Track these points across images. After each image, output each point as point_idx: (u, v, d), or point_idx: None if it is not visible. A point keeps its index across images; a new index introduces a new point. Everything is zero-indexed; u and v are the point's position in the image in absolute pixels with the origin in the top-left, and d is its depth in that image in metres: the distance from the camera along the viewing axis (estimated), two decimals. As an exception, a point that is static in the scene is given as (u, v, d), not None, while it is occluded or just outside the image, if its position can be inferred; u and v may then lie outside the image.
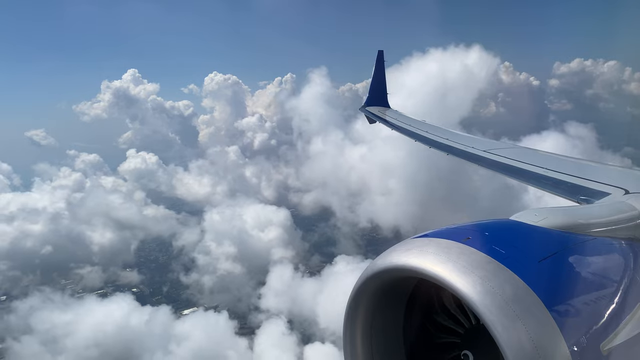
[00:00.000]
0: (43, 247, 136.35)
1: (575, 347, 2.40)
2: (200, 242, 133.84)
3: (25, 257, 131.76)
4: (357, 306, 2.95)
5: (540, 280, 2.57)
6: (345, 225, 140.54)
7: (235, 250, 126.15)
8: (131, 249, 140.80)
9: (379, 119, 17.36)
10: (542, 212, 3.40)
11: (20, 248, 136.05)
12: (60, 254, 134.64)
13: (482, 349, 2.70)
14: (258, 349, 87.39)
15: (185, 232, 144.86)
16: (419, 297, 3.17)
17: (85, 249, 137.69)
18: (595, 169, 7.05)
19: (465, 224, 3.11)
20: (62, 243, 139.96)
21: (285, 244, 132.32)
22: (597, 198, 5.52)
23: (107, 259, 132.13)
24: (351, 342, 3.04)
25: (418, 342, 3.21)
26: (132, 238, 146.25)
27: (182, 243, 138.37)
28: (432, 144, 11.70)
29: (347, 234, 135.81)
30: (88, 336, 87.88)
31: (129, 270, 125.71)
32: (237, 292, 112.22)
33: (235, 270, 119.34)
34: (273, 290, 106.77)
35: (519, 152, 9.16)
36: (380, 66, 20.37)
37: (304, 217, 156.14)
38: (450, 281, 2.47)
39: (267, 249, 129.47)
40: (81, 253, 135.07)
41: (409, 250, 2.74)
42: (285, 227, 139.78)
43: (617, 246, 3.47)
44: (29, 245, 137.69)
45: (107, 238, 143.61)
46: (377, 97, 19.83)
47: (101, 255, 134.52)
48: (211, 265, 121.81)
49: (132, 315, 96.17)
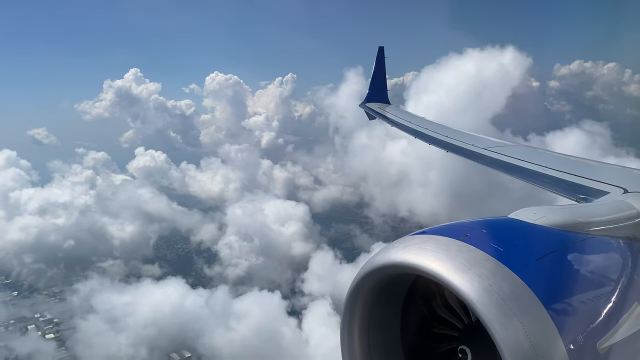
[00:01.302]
0: (65, 241, 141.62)
1: (572, 345, 2.41)
2: (219, 236, 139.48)
3: (49, 251, 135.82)
4: (355, 302, 2.95)
5: (538, 278, 2.58)
6: (377, 217, 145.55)
7: (257, 243, 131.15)
8: (150, 243, 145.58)
9: (378, 115, 17.34)
10: (540, 210, 3.40)
11: (44, 242, 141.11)
12: (82, 248, 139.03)
13: (479, 346, 2.70)
14: (307, 328, 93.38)
15: (202, 228, 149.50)
16: (417, 294, 3.18)
17: (106, 243, 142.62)
18: (594, 168, 7.05)
19: (463, 221, 3.11)
20: (84, 237, 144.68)
21: (306, 237, 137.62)
22: (596, 197, 5.53)
23: (128, 253, 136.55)
24: (349, 337, 3.04)
25: (416, 337, 3.22)
26: (152, 233, 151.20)
27: (199, 238, 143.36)
28: (431, 141, 11.69)
29: (376, 226, 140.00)
30: (147, 316, 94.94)
31: (150, 265, 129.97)
32: (264, 280, 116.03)
33: (258, 262, 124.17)
34: (315, 275, 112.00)
35: (519, 150, 9.16)
36: (381, 62, 20.32)
37: (317, 213, 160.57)
38: (448, 278, 2.47)
39: (288, 242, 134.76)
40: (102, 247, 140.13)
41: (407, 247, 2.74)
42: (304, 222, 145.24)
43: (616, 245, 3.48)
44: (52, 239, 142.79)
45: (127, 232, 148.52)
46: (377, 94, 19.79)
47: (122, 249, 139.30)
48: (234, 258, 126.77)
49: (186, 298, 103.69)
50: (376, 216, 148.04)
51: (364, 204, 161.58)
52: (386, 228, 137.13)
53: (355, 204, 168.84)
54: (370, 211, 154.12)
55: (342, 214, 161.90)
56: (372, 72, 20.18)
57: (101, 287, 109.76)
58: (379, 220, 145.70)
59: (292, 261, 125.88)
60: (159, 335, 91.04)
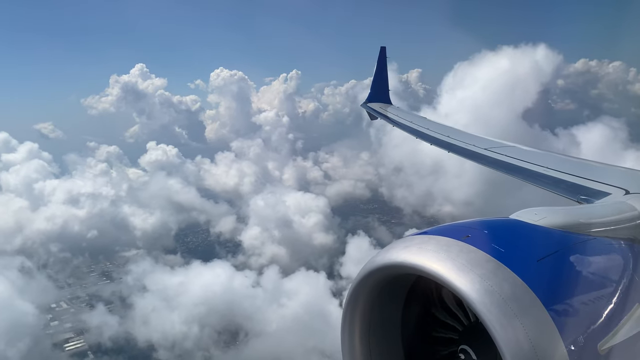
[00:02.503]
0: (89, 231, 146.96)
1: (572, 346, 2.41)
2: (239, 227, 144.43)
3: (74, 240, 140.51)
4: (356, 301, 2.96)
5: (539, 279, 2.58)
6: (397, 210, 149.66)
7: (280, 233, 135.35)
8: (171, 234, 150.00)
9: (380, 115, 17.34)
10: (541, 211, 3.39)
11: (69, 232, 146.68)
12: (105, 238, 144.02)
13: (479, 347, 2.70)
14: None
15: (220, 220, 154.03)
16: (418, 294, 3.18)
17: (129, 234, 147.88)
18: (595, 169, 7.04)
19: (465, 221, 3.11)
20: (106, 227, 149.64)
21: (326, 228, 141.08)
22: (598, 198, 5.52)
23: (150, 243, 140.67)
24: (349, 337, 3.04)
25: (416, 337, 3.22)
26: (172, 224, 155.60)
27: (218, 230, 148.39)
28: (432, 141, 11.70)
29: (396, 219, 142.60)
30: (197, 295, 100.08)
31: (173, 255, 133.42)
32: (289, 268, 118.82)
33: (280, 253, 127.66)
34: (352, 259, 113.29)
35: (519, 150, 9.14)
36: (383, 62, 20.30)
37: (334, 206, 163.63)
38: (448, 279, 2.47)
39: (309, 233, 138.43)
40: (125, 237, 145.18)
41: (408, 247, 2.74)
42: (325, 214, 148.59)
43: (617, 246, 3.47)
44: (76, 229, 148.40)
45: (148, 223, 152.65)
46: (379, 94, 19.78)
47: (144, 240, 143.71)
48: (257, 248, 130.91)
49: (233, 279, 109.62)
50: (396, 210, 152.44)
51: (379, 198, 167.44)
52: (406, 221, 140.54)
53: (367, 199, 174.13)
54: (387, 205, 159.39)
55: (357, 207, 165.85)
56: (374, 72, 20.16)
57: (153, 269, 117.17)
58: (398, 214, 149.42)
59: (315, 250, 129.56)
60: (209, 314, 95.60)
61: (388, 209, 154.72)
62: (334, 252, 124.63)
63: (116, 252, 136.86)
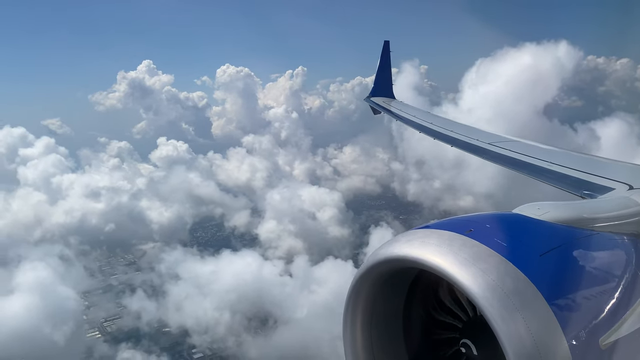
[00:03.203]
0: (107, 224, 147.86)
1: (574, 341, 2.41)
2: (254, 221, 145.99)
3: (92, 234, 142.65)
4: (358, 294, 2.96)
5: (541, 274, 2.57)
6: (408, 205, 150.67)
7: (295, 227, 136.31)
8: (186, 228, 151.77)
9: (383, 110, 17.32)
10: (544, 206, 3.39)
11: (87, 225, 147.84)
12: (122, 231, 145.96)
13: (481, 341, 2.70)
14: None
15: (234, 214, 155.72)
16: (420, 287, 3.19)
17: (145, 227, 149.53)
18: (599, 164, 7.02)
19: (467, 216, 3.11)
20: (123, 221, 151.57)
21: (341, 223, 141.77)
22: (601, 193, 5.51)
23: (167, 237, 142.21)
24: (351, 329, 3.05)
25: (418, 331, 3.23)
26: (187, 217, 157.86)
27: (232, 224, 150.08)
28: (436, 136, 11.69)
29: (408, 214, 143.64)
30: (228, 283, 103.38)
31: (189, 248, 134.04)
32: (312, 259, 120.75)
33: (297, 245, 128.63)
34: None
35: (523, 145, 9.12)
36: (386, 57, 20.26)
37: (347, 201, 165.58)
38: (451, 273, 2.47)
39: (324, 227, 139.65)
40: (141, 230, 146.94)
41: (411, 241, 2.74)
42: (339, 208, 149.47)
43: (620, 242, 3.47)
44: (94, 222, 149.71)
45: (164, 217, 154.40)
46: (382, 88, 19.75)
47: (160, 233, 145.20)
48: (274, 241, 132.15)
49: (262, 267, 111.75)
50: (409, 204, 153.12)
51: (391, 193, 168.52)
52: (420, 216, 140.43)
53: (378, 194, 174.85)
54: (399, 200, 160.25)
55: (369, 202, 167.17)
56: (378, 66, 20.11)
57: (184, 258, 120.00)
58: (411, 208, 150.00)
59: (334, 243, 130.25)
60: (239, 301, 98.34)
61: (400, 203, 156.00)
62: (356, 244, 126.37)
63: (133, 245, 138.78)
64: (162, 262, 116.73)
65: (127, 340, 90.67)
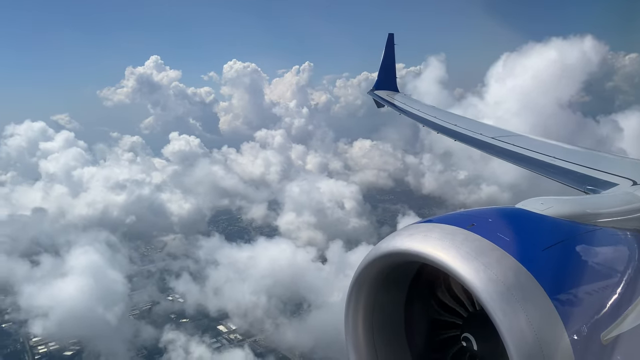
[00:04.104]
0: (127, 216, 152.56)
1: (575, 336, 2.41)
2: (272, 213, 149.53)
3: (113, 226, 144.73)
4: (359, 288, 2.97)
5: (544, 268, 2.57)
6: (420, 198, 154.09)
7: (315, 219, 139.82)
8: (205, 220, 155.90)
9: (387, 103, 17.25)
10: (548, 200, 3.38)
11: (109, 217, 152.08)
12: (143, 223, 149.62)
13: (482, 335, 2.71)
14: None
15: (252, 207, 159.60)
16: (422, 282, 3.19)
17: (165, 219, 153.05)
18: (603, 160, 6.99)
19: (470, 210, 3.11)
20: (144, 213, 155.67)
21: (359, 215, 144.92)
22: (605, 188, 5.49)
23: (187, 228, 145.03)
24: (353, 323, 3.06)
25: (419, 325, 3.24)
26: (206, 210, 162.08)
27: (250, 216, 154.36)
28: (439, 129, 11.65)
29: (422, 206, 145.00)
30: (264, 268, 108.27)
31: (208, 238, 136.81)
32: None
33: (317, 237, 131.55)
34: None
35: (527, 140, 9.09)
36: (390, 50, 20.14)
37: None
38: (453, 267, 2.47)
39: (343, 218, 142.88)
40: (162, 222, 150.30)
41: (413, 235, 2.74)
42: (357, 200, 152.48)
43: (623, 237, 3.46)
44: (115, 214, 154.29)
45: (184, 209, 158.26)
46: (386, 81, 19.66)
47: (180, 225, 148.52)
48: (294, 232, 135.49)
49: (296, 254, 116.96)
50: (424, 198, 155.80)
51: (405, 187, 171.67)
52: (436, 209, 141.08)
53: (392, 187, 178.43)
54: (414, 193, 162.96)
55: (383, 195, 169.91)
56: (382, 59, 20.00)
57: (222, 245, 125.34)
58: (426, 201, 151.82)
59: (356, 233, 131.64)
60: (275, 285, 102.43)
61: (416, 197, 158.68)
62: (382, 234, 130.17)
63: (154, 237, 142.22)
64: (200, 249, 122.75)
65: (170, 323, 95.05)
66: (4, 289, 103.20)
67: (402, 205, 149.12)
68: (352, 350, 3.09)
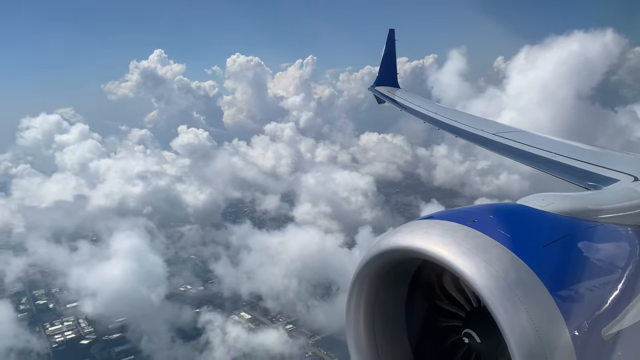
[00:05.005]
0: (144, 207, 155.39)
1: (576, 331, 2.41)
2: (284, 205, 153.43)
3: (131, 216, 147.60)
4: (360, 285, 2.97)
5: (545, 264, 2.57)
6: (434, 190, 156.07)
7: (330, 209, 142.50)
8: (219, 211, 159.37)
9: (388, 99, 17.22)
10: (549, 197, 3.38)
11: (126, 208, 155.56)
12: (159, 214, 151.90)
13: (484, 331, 2.71)
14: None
15: (265, 198, 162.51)
16: (423, 278, 3.19)
17: (181, 210, 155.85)
18: (604, 156, 6.98)
19: (471, 206, 3.11)
20: (160, 204, 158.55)
21: (373, 205, 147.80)
22: (606, 184, 5.49)
23: (202, 219, 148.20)
24: (355, 319, 3.07)
25: (420, 322, 3.24)
26: (221, 201, 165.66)
27: (263, 207, 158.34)
28: (440, 126, 11.64)
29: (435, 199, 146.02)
30: (294, 253, 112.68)
31: (224, 229, 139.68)
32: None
33: (333, 227, 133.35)
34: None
35: (528, 136, 9.08)
36: (391, 45, 20.08)
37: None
38: (454, 263, 2.48)
39: (357, 209, 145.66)
40: (178, 213, 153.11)
41: (414, 231, 2.74)
42: (371, 192, 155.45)
43: (624, 233, 3.46)
44: (132, 205, 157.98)
45: (199, 200, 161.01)
46: (387, 77, 19.61)
47: (196, 216, 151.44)
48: (311, 223, 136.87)
49: (324, 240, 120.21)
50: (436, 190, 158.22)
51: (417, 180, 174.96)
52: (449, 201, 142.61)
53: (402, 180, 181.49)
54: (425, 185, 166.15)
55: (392, 188, 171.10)
56: (382, 55, 19.95)
57: (252, 231, 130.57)
58: (438, 193, 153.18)
59: (372, 223, 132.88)
60: (304, 269, 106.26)
61: (429, 189, 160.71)
62: (397, 224, 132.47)
63: (171, 227, 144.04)
64: (232, 235, 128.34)
65: (207, 304, 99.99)
66: (54, 272, 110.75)
67: (415, 197, 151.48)
68: (353, 347, 3.10)
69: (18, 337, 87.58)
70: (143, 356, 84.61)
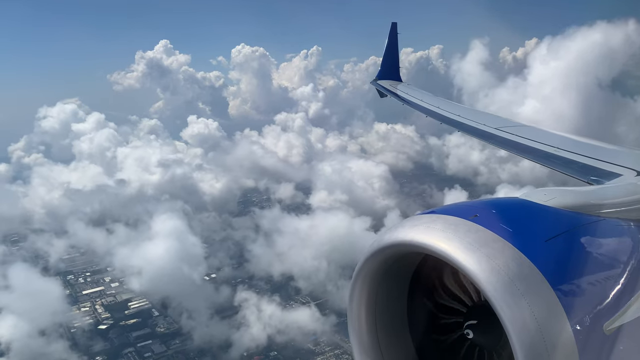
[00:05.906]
0: (162, 195, 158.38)
1: (578, 326, 2.42)
2: (299, 194, 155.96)
3: (149, 204, 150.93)
4: (363, 279, 2.98)
5: (546, 259, 2.58)
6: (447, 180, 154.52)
7: (346, 197, 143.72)
8: (235, 200, 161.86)
9: (390, 93, 17.17)
10: (551, 191, 3.38)
11: (145, 195, 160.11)
12: (177, 202, 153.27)
13: (485, 326, 2.72)
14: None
15: (279, 187, 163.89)
16: (424, 273, 3.19)
17: (199, 198, 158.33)
18: (606, 150, 6.96)
19: (473, 201, 3.11)
20: (177, 192, 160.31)
21: (388, 193, 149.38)
22: (608, 179, 5.48)
23: (219, 207, 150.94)
24: (357, 313, 3.08)
25: (421, 316, 3.25)
26: (236, 189, 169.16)
27: (278, 196, 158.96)
28: (443, 120, 11.61)
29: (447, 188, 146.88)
30: (323, 236, 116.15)
31: (242, 217, 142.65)
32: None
33: (351, 214, 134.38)
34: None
35: (530, 130, 9.05)
36: (393, 39, 20.00)
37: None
38: (456, 258, 2.48)
39: (374, 196, 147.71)
40: (195, 201, 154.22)
41: (416, 226, 2.74)
42: (387, 180, 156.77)
43: (626, 228, 3.45)
44: (151, 193, 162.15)
45: (216, 188, 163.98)
46: (389, 71, 19.54)
47: (213, 204, 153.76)
48: (328, 210, 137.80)
49: (353, 224, 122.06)
50: (449, 179, 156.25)
51: (429, 170, 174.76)
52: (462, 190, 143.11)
53: (414, 169, 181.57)
54: (438, 175, 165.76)
55: (405, 177, 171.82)
56: (385, 48, 19.87)
57: (282, 215, 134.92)
58: (451, 183, 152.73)
59: (388, 211, 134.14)
60: (333, 251, 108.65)
61: (439, 178, 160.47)
62: (412, 212, 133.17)
63: (188, 215, 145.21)
64: (263, 218, 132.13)
65: (242, 284, 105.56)
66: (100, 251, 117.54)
67: (430, 186, 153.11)
68: (355, 341, 3.11)
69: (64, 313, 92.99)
70: (170, 336, 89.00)
